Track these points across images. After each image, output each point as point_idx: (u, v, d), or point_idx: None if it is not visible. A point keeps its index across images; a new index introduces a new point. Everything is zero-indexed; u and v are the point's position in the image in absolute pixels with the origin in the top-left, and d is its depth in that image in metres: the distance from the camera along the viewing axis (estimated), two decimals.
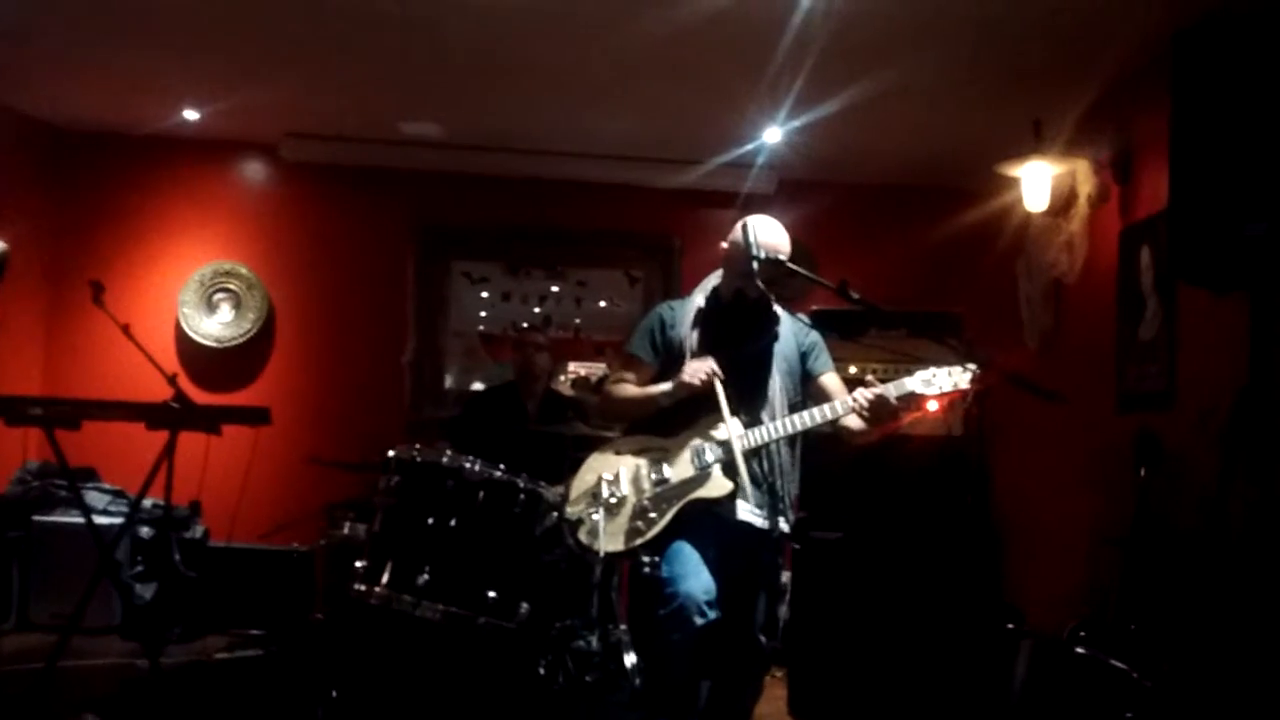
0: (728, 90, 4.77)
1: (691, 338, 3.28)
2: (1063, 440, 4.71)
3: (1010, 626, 3.83)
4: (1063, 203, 4.78)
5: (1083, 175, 4.68)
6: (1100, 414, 4.39)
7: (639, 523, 3.22)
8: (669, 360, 3.31)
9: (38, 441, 4.50)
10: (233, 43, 4.60)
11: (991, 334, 5.14)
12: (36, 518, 5.15)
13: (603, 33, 4.21)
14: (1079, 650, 3.32)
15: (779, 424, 3.16)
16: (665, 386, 3.22)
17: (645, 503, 3.22)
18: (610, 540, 3.24)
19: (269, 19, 4.29)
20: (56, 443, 3.96)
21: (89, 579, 4.08)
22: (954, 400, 3.43)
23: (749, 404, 3.22)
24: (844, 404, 3.12)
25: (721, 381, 3.12)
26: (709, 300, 3.35)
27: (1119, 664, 3.17)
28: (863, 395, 3.08)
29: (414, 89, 5.16)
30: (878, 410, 3.08)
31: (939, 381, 3.08)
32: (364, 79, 5.01)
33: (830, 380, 3.35)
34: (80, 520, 4.39)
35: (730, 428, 3.10)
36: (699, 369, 3.12)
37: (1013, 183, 4.92)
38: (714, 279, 3.40)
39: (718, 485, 3.17)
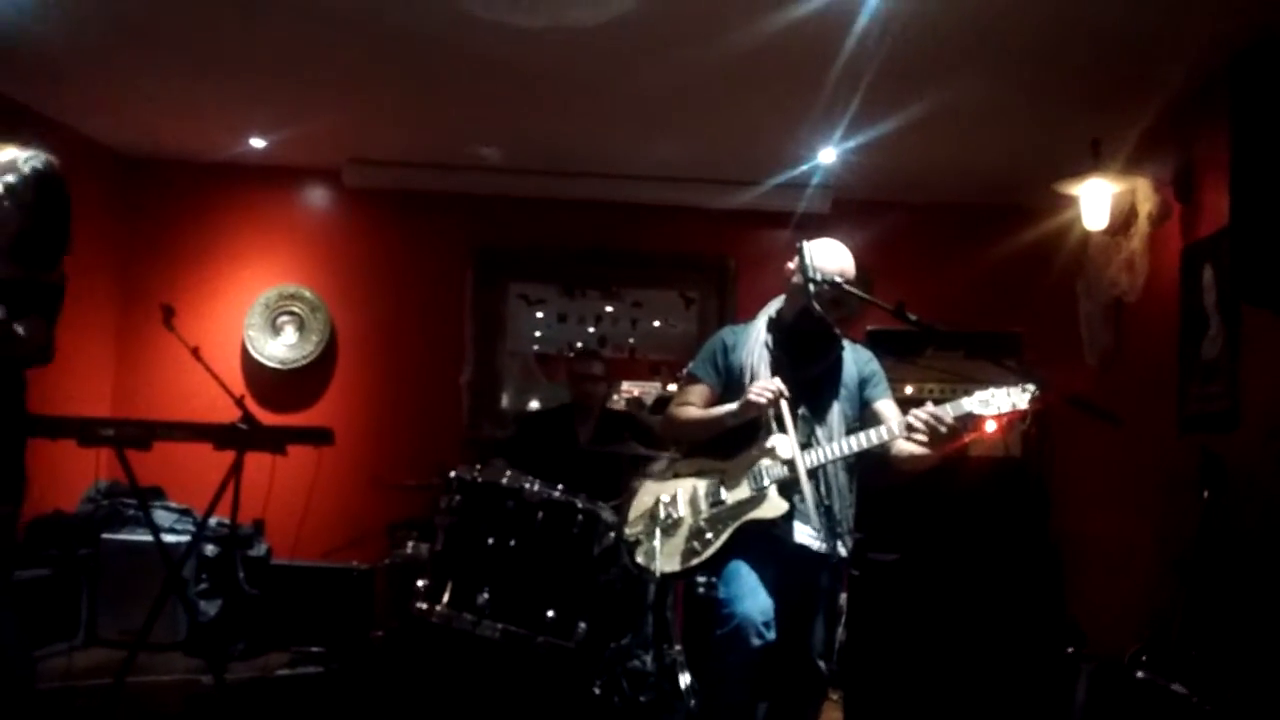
0: (783, 111, 4.79)
1: (753, 361, 3.28)
2: (1124, 461, 4.64)
3: (1070, 650, 3.77)
4: (1123, 221, 4.73)
5: (1143, 193, 4.63)
6: (1162, 435, 4.33)
7: (695, 543, 3.23)
8: (730, 383, 3.31)
9: (108, 461, 4.61)
10: (297, 72, 4.71)
11: (1050, 354, 5.09)
12: (105, 536, 5.28)
13: (658, 56, 4.26)
14: (1140, 675, 3.26)
15: (836, 445, 3.16)
16: (731, 407, 3.22)
17: (702, 524, 3.22)
18: (666, 561, 3.24)
19: (332, 49, 4.39)
20: (127, 462, 4.07)
21: (155, 596, 4.17)
22: (1012, 421, 3.40)
23: (808, 427, 3.21)
24: (900, 425, 3.09)
25: (787, 400, 3.12)
26: (771, 324, 3.35)
27: (1180, 689, 3.11)
28: (918, 416, 3.05)
29: (472, 114, 5.24)
30: (934, 432, 3.04)
31: (997, 402, 3.03)
32: (423, 106, 5.11)
33: (886, 407, 3.33)
34: (147, 538, 4.50)
35: (793, 446, 3.08)
36: (766, 387, 3.12)
37: (1071, 201, 4.87)
38: (777, 303, 3.40)
39: (774, 506, 3.16)
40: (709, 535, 3.20)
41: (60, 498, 5.31)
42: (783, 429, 3.13)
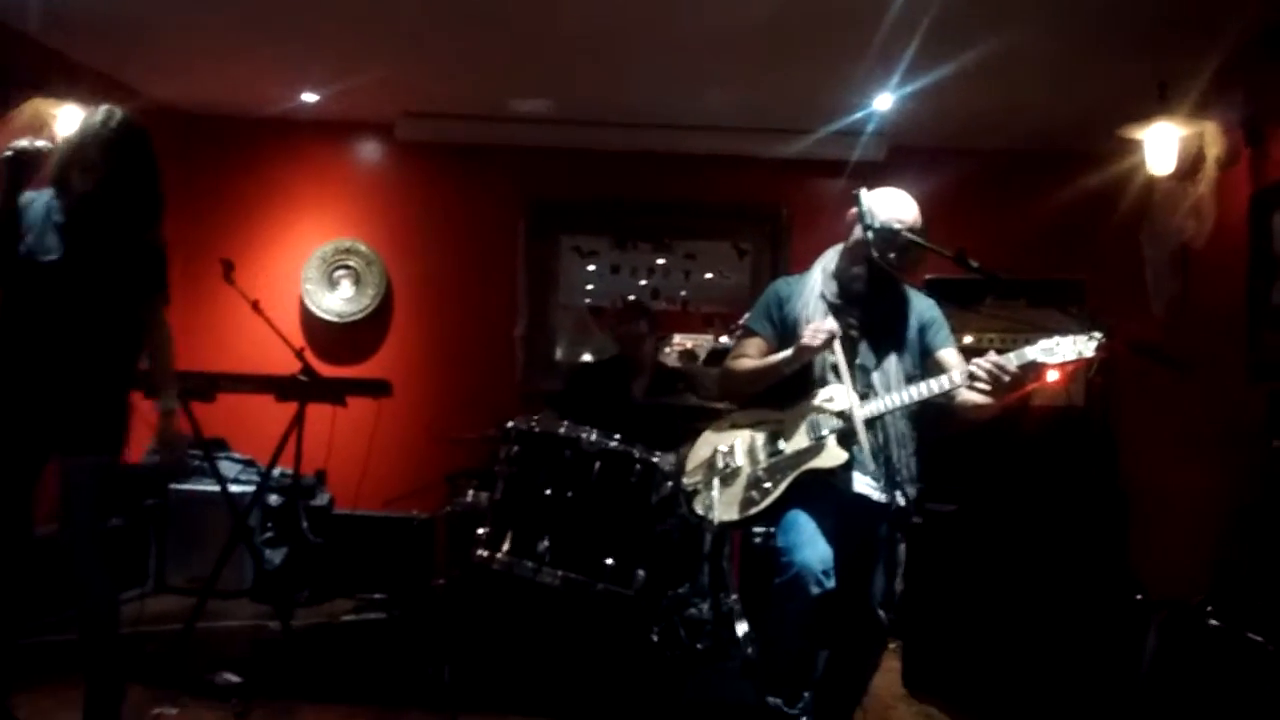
0: (837, 57, 4.70)
1: (809, 312, 3.25)
2: (1191, 409, 4.56)
3: (1139, 598, 3.72)
4: (1189, 165, 4.62)
5: (1211, 137, 4.51)
6: (1231, 382, 4.24)
7: (753, 493, 3.23)
8: (786, 335, 3.28)
9: None
10: (349, 27, 4.71)
11: (1115, 302, 4.97)
12: (173, 486, 5.41)
13: (709, 2, 4.20)
14: (1213, 623, 3.22)
15: (895, 396, 3.13)
16: (786, 353, 3.19)
17: (760, 473, 3.22)
18: (725, 510, 3.25)
19: (381, 2, 4.38)
20: (192, 414, 4.15)
21: (222, 545, 4.28)
22: (1075, 370, 3.34)
23: (865, 376, 3.19)
24: (961, 374, 3.05)
25: (841, 341, 3.09)
26: (829, 274, 3.31)
27: (1256, 636, 3.06)
28: (980, 365, 3.00)
29: (524, 66, 5.22)
30: (996, 380, 2.99)
31: (1062, 350, 2.96)
32: (476, 58, 5.09)
33: (949, 355, 3.28)
34: (213, 488, 4.61)
35: (849, 395, 3.06)
36: (819, 328, 3.10)
37: (1136, 146, 4.76)
38: (833, 253, 3.36)
39: (832, 455, 3.14)
40: (767, 485, 3.20)
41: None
42: (838, 377, 3.11)
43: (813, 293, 3.28)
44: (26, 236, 3.04)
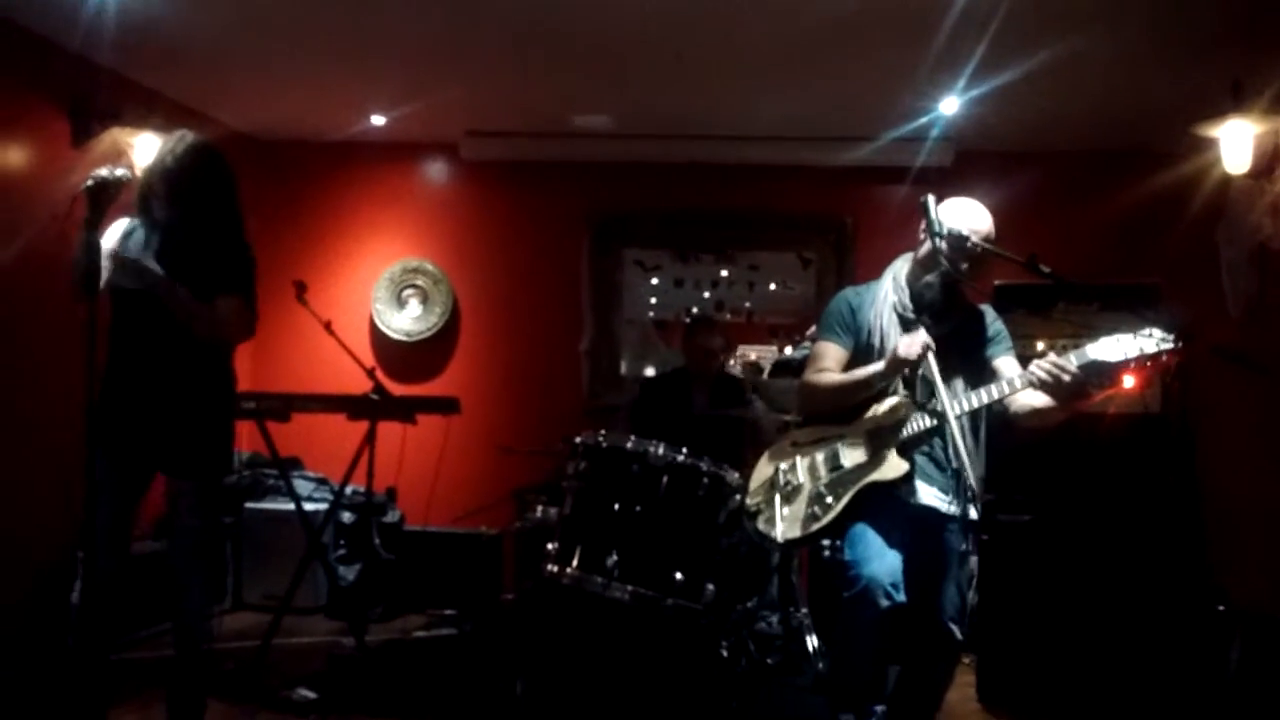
0: (900, 62, 4.66)
1: (883, 322, 3.21)
2: (1271, 412, 4.42)
3: (1222, 608, 3.61)
4: (1266, 163, 4.49)
5: None
6: None
7: (815, 509, 3.20)
8: (859, 345, 3.26)
9: (249, 433, 4.80)
10: (414, 51, 4.80)
11: (1191, 304, 4.86)
12: (248, 505, 5.52)
13: (764, 10, 4.18)
14: None
15: (959, 401, 3.07)
16: (877, 367, 3.13)
17: (821, 489, 3.19)
18: (788, 528, 3.23)
19: (444, 26, 4.45)
20: (268, 434, 4.24)
21: (296, 562, 4.34)
22: (1151, 374, 3.25)
23: (928, 389, 3.14)
24: (1022, 378, 2.98)
25: (934, 355, 3.04)
26: (900, 283, 3.28)
27: None
28: (1041, 365, 2.93)
29: (584, 82, 5.25)
30: (1058, 382, 2.92)
31: (1123, 347, 2.82)
32: (537, 76, 5.14)
33: (1005, 364, 3.22)
34: (288, 506, 4.69)
35: (944, 399, 3.00)
36: (914, 341, 3.05)
37: (1210, 144, 4.64)
38: (903, 262, 3.32)
39: (893, 467, 3.11)
40: (829, 500, 3.17)
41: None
42: (911, 388, 3.07)
43: (885, 302, 3.24)
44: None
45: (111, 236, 3.21)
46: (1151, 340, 2.82)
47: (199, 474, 3.28)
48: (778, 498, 3.23)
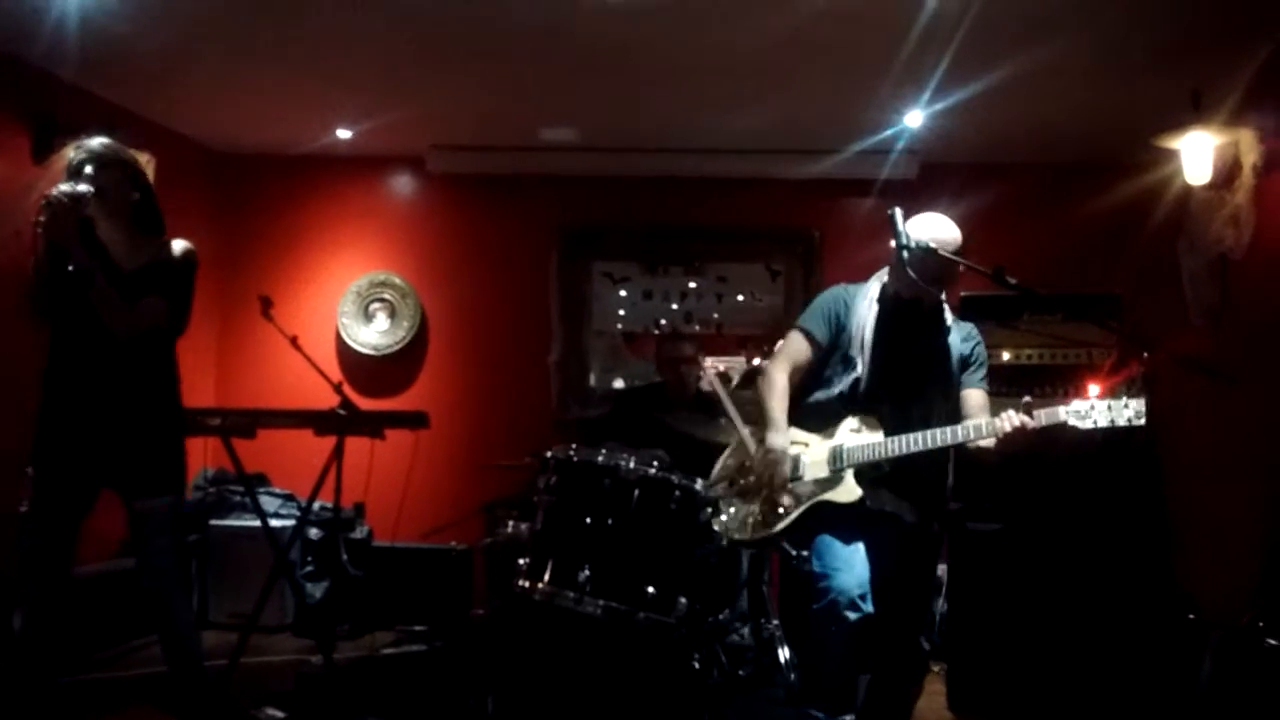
0: (864, 75, 4.68)
1: (866, 329, 3.22)
2: (1234, 421, 4.48)
3: (1192, 618, 3.65)
4: (1226, 174, 4.56)
5: (1247, 144, 4.45)
6: (1275, 392, 4.17)
7: (767, 515, 3.25)
8: (839, 344, 3.27)
9: (214, 450, 4.75)
10: (379, 64, 4.78)
11: (1153, 314, 4.93)
12: (214, 522, 5.45)
13: (729, 24, 4.20)
14: (1271, 642, 3.15)
15: (921, 437, 3.09)
16: (771, 431, 3.23)
17: (776, 496, 3.22)
18: (737, 529, 3.30)
19: (410, 38, 4.43)
20: (233, 450, 4.19)
21: (263, 579, 4.29)
22: (1116, 385, 3.30)
23: (905, 404, 3.17)
24: (989, 427, 3.00)
25: (885, 368, 3.13)
26: (882, 293, 3.29)
27: None
28: (1009, 422, 2.96)
29: (550, 95, 5.25)
30: (1019, 439, 2.97)
31: (1096, 416, 2.92)
32: (503, 89, 5.13)
33: (973, 396, 3.26)
34: (254, 523, 4.63)
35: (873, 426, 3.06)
36: (783, 463, 3.19)
37: (1171, 156, 4.71)
38: (886, 273, 3.34)
39: (848, 491, 3.15)
40: (781, 509, 3.21)
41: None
42: (882, 417, 3.13)
43: (869, 311, 3.25)
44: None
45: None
46: (1125, 413, 2.87)
47: (164, 490, 3.23)
48: (734, 495, 3.31)
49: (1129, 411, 2.88)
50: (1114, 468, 4.24)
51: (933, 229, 3.14)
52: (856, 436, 3.18)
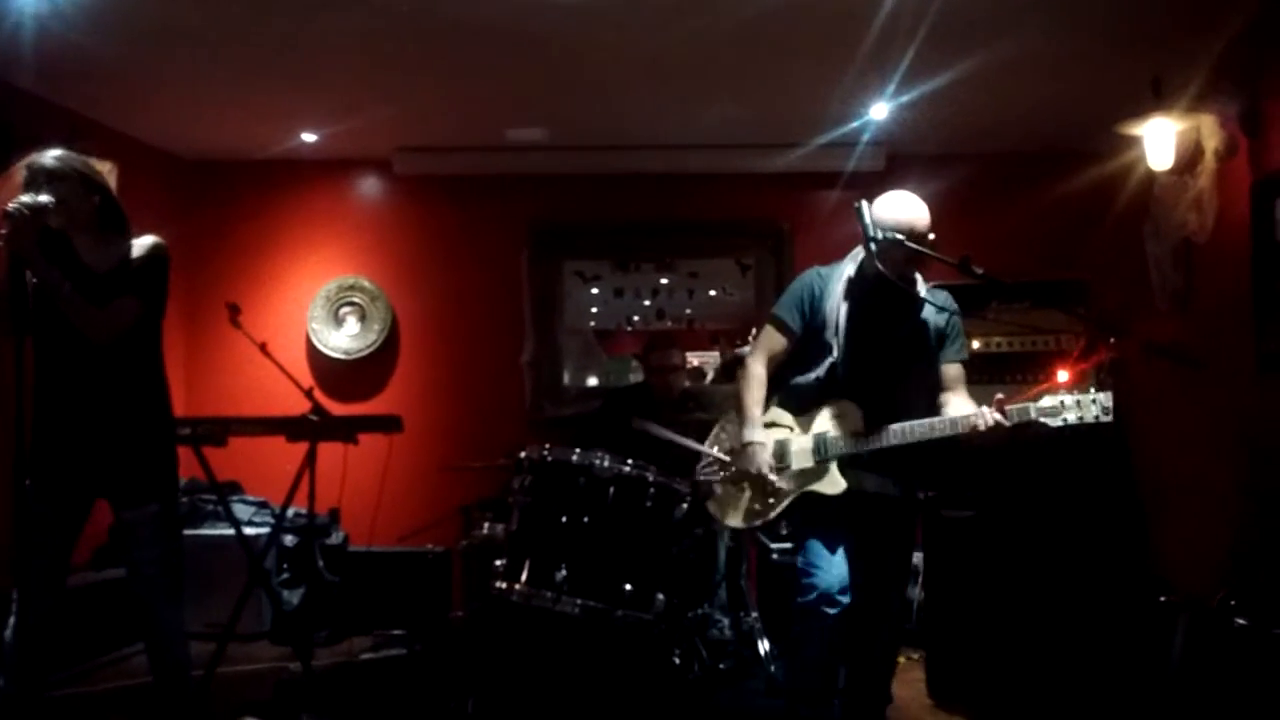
0: (829, 68, 4.70)
1: (840, 312, 3.22)
2: (1203, 404, 4.54)
3: (1164, 599, 3.70)
4: (1188, 159, 4.61)
5: (1208, 130, 4.50)
6: (1241, 375, 4.22)
7: (758, 504, 3.28)
8: (814, 329, 3.26)
9: (185, 459, 4.71)
10: (344, 68, 4.75)
11: (1120, 299, 4.98)
12: (187, 532, 5.38)
13: (693, 19, 4.19)
14: (1240, 621, 3.19)
15: (899, 431, 3.11)
16: (749, 428, 3.26)
17: (764, 484, 3.24)
18: (732, 516, 3.34)
19: (374, 40, 4.41)
20: (205, 459, 4.15)
21: (239, 588, 4.26)
22: (1085, 370, 3.33)
23: (885, 388, 3.18)
24: (965, 424, 3.04)
25: (862, 352, 3.15)
26: (855, 275, 3.27)
27: None
28: (984, 420, 2.99)
29: (516, 95, 5.23)
30: (991, 437, 3.01)
31: (1066, 414, 2.95)
32: (468, 90, 5.11)
33: (951, 370, 3.28)
34: (228, 532, 4.60)
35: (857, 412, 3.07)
36: (761, 462, 3.22)
37: (1134, 142, 4.76)
38: (858, 254, 3.32)
39: (833, 483, 3.18)
40: (770, 499, 3.24)
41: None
42: (865, 404, 3.16)
43: (841, 296, 3.25)
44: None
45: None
46: (1093, 410, 2.91)
47: (150, 498, 3.20)
48: (724, 480, 3.34)
49: (1096, 409, 2.92)
50: (1085, 453, 4.28)
51: (899, 210, 3.11)
52: (838, 423, 3.19)
